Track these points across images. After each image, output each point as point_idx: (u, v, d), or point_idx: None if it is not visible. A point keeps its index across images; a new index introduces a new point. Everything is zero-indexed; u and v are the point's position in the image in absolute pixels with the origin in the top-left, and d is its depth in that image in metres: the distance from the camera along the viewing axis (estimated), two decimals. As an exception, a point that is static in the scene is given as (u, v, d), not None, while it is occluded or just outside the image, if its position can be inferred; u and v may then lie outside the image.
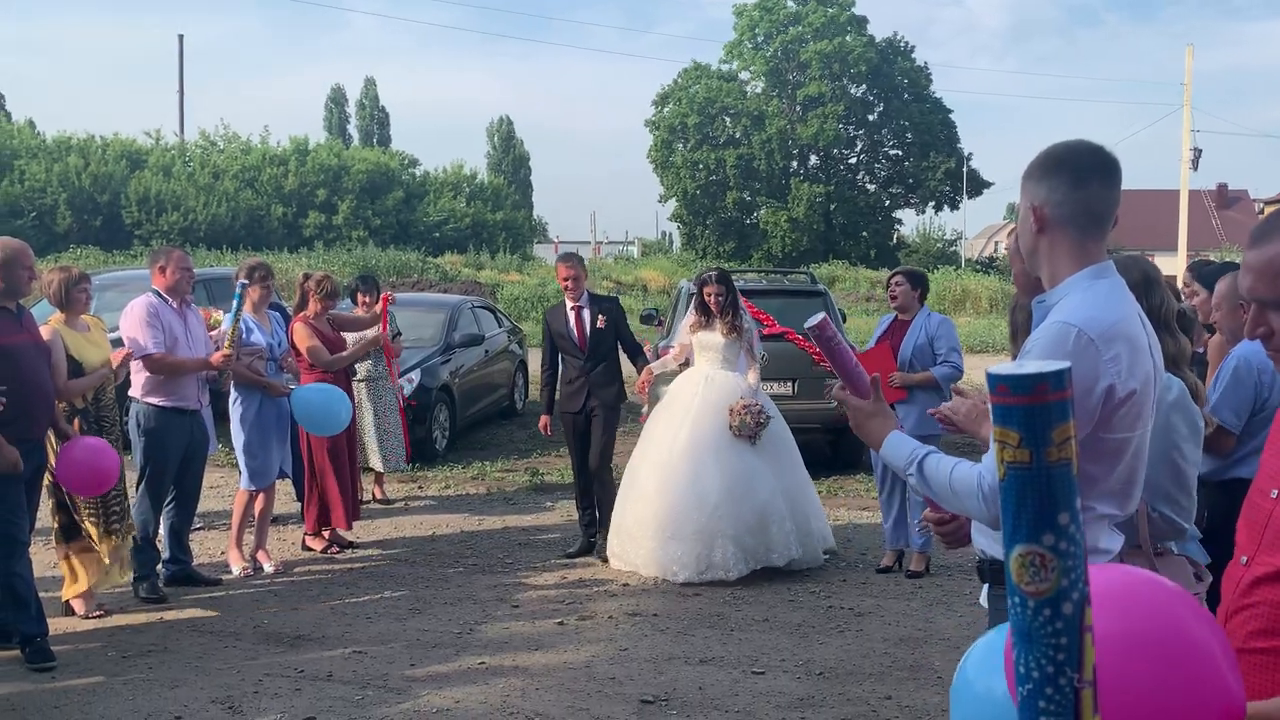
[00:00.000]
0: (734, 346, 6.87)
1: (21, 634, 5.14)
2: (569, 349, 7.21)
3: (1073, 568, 0.77)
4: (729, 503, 6.46)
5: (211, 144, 42.49)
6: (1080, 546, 0.77)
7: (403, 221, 41.28)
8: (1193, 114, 33.34)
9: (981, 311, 31.21)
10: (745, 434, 6.60)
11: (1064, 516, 0.77)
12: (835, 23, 44.91)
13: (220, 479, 9.07)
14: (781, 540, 6.54)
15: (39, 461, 5.38)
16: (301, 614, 5.97)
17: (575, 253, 7.42)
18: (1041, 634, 0.78)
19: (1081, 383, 2.13)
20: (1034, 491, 0.78)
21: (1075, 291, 2.23)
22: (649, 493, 6.63)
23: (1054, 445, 0.78)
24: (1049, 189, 2.25)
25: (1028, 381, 0.78)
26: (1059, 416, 0.78)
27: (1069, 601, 0.77)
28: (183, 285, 6.23)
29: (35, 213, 35.31)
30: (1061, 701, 0.77)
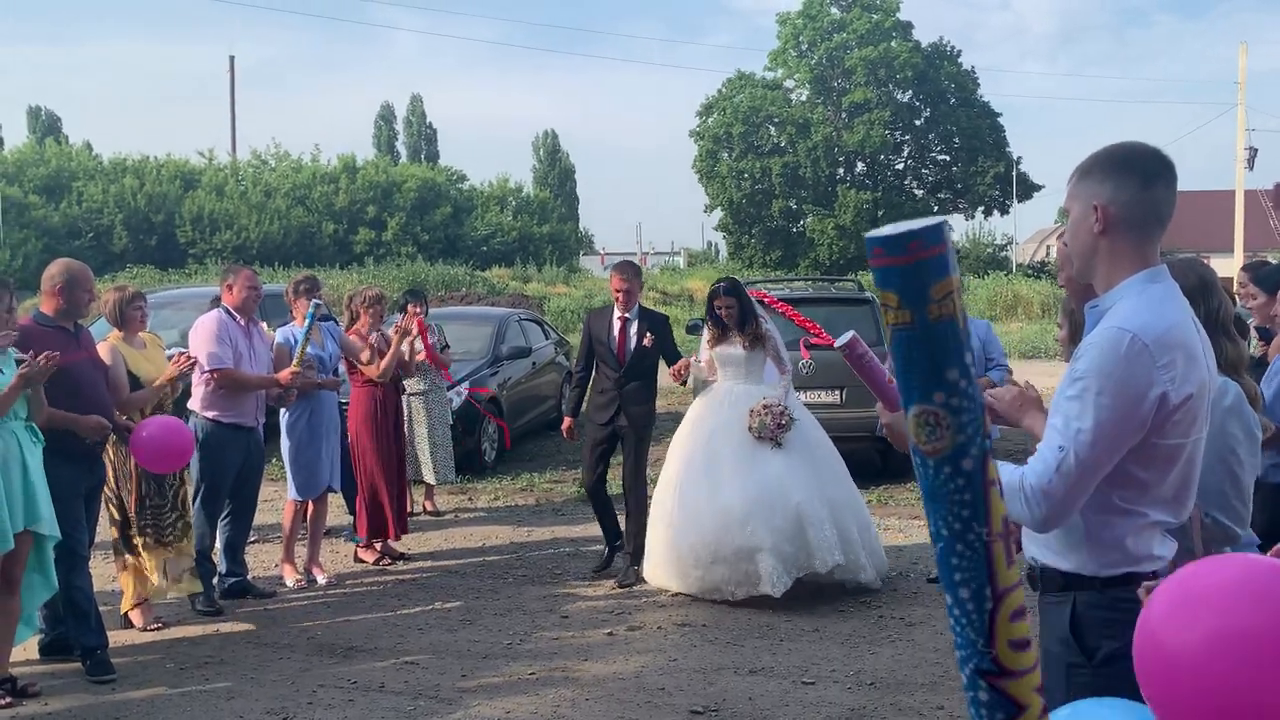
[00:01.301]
0: (756, 358, 6.59)
1: (82, 646, 5.25)
2: (606, 358, 6.92)
3: (968, 423, 0.76)
4: (760, 512, 6.12)
5: (263, 162, 43.19)
6: (975, 401, 0.76)
7: (450, 236, 41.64)
8: (1247, 113, 32.75)
9: (1033, 317, 30.82)
10: (766, 435, 6.28)
11: (953, 373, 0.76)
12: (880, 28, 44.66)
13: (273, 492, 9.20)
14: (822, 545, 6.15)
15: (98, 476, 5.50)
16: (354, 625, 6.03)
17: (632, 263, 7.22)
18: (945, 492, 0.77)
19: (1135, 389, 2.11)
20: (920, 351, 0.76)
21: (1130, 296, 2.19)
22: (681, 523, 6.34)
23: (933, 303, 0.75)
24: (1115, 188, 2.20)
25: (901, 241, 0.75)
26: (936, 273, 0.75)
27: (967, 458, 0.76)
28: (249, 303, 6.35)
29: (93, 233, 36.11)
30: (972, 556, 0.77)
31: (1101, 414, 2.09)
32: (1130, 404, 2.10)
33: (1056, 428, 2.15)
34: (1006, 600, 0.77)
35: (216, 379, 6.16)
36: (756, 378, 6.58)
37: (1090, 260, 2.27)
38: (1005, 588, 0.77)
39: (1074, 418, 2.12)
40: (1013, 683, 0.77)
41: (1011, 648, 0.77)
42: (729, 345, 6.59)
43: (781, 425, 6.30)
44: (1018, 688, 0.77)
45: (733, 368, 6.62)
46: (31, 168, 37.66)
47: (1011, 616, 0.77)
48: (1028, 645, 0.77)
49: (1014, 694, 0.78)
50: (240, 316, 6.34)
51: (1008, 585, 0.77)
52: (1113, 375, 2.10)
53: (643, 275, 7.13)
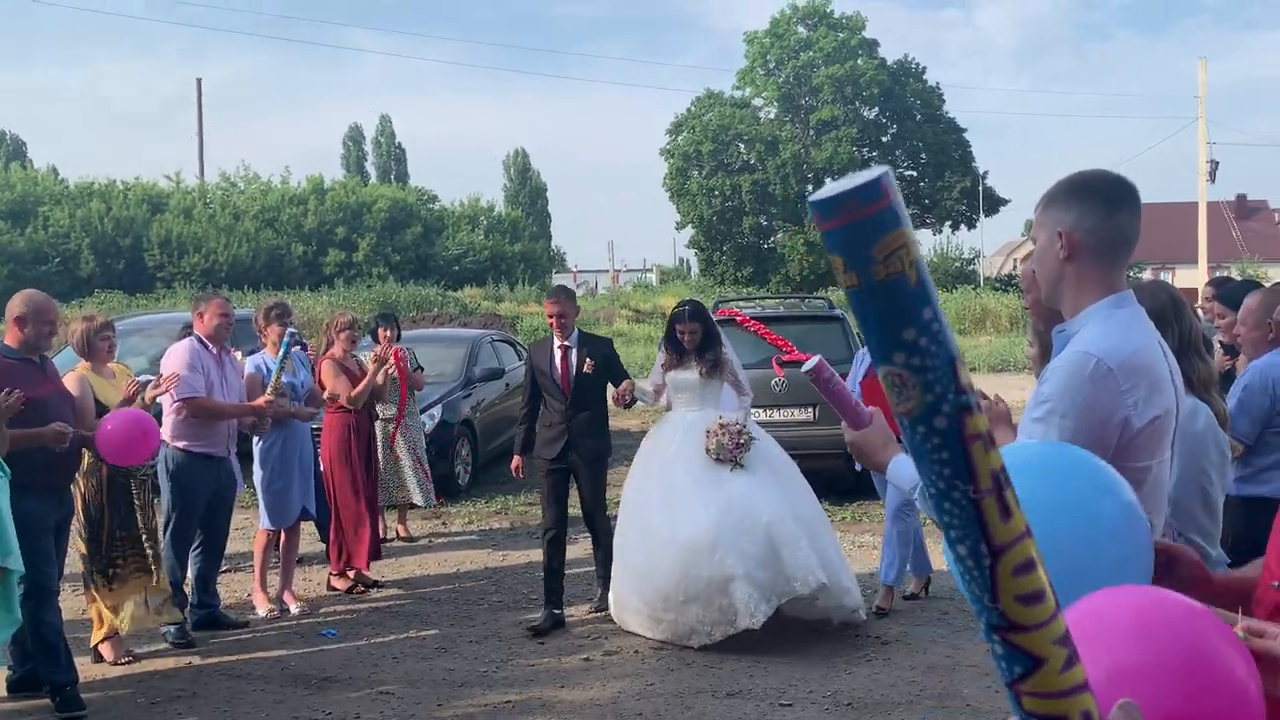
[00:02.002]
0: (712, 384, 6.29)
1: (51, 682, 5.17)
2: (551, 390, 6.54)
3: (934, 382, 0.73)
4: (728, 538, 5.72)
5: (232, 185, 42.97)
6: (939, 358, 0.73)
7: (422, 256, 41.54)
8: (1208, 126, 33.23)
9: (1002, 330, 31.07)
10: (725, 457, 5.93)
11: (909, 332, 0.73)
12: (846, 47, 45.05)
13: (245, 520, 9.11)
14: (800, 565, 5.72)
15: (67, 509, 5.43)
16: (328, 655, 5.98)
17: (564, 287, 6.87)
18: (924, 451, 0.75)
19: (1099, 412, 2.13)
20: (872, 313, 0.74)
21: (1096, 321, 2.22)
22: (644, 565, 5.94)
23: (878, 263, 0.72)
24: (1079, 214, 2.23)
25: (835, 203, 0.72)
26: (876, 231, 0.72)
27: (939, 415, 0.73)
28: (221, 332, 6.30)
29: (59, 258, 35.75)
30: (960, 514, 0.75)
31: (1065, 436, 2.11)
32: (1093, 427, 2.12)
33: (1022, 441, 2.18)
34: (1006, 556, 0.75)
35: (188, 408, 6.10)
36: (712, 404, 6.30)
37: (1057, 286, 2.30)
38: (1003, 543, 0.75)
39: (1037, 438, 2.15)
40: (1025, 636, 0.75)
41: (1019, 602, 0.75)
42: (684, 370, 6.29)
43: (740, 445, 5.98)
44: (1032, 641, 0.76)
45: (686, 394, 6.30)
46: (-4, 193, 37.28)
47: (1014, 571, 0.75)
48: (1039, 598, 0.75)
49: (1029, 647, 0.77)
50: (212, 345, 6.30)
51: (1005, 540, 0.75)
52: (1077, 398, 2.12)
53: (576, 299, 6.82)
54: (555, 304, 6.56)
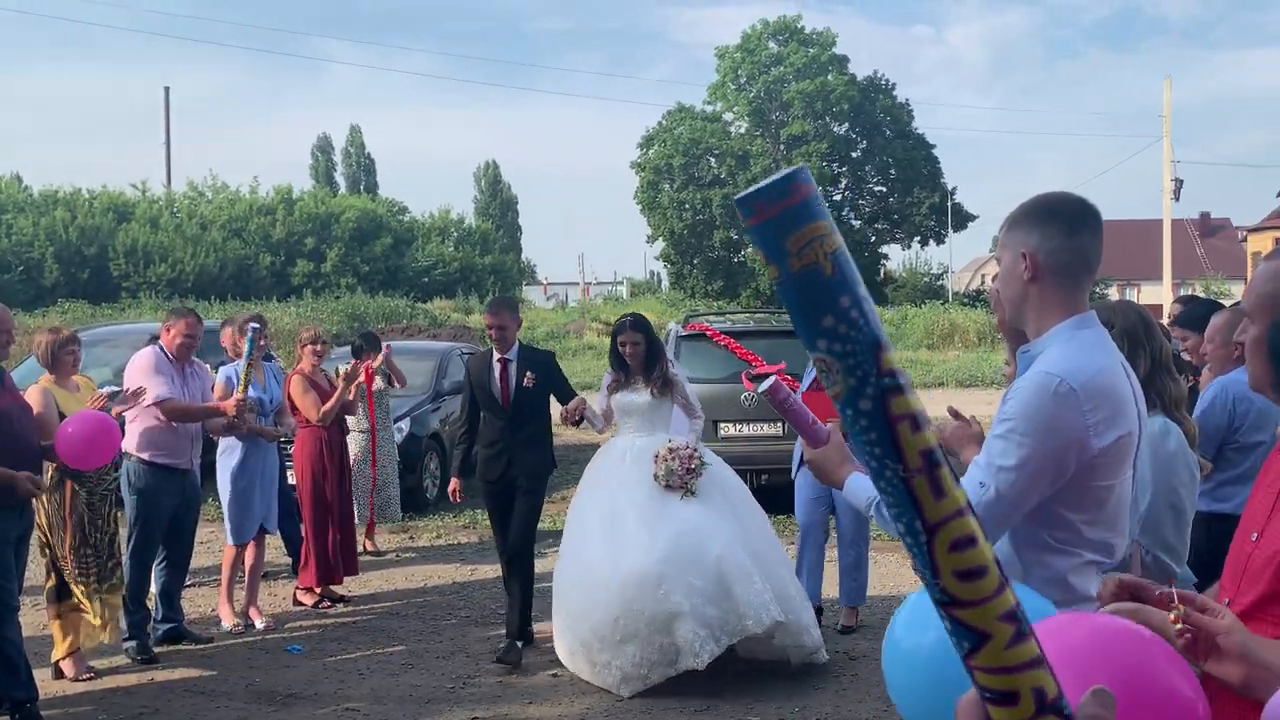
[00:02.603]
0: (662, 406, 5.86)
1: (11, 699, 5.08)
2: (490, 405, 6.18)
3: (855, 366, 0.77)
4: (674, 571, 5.27)
5: (199, 194, 42.64)
6: (861, 344, 0.77)
7: (391, 267, 41.39)
8: (1173, 145, 33.69)
9: (970, 345, 31.31)
10: (675, 483, 5.51)
11: (828, 320, 0.77)
12: (817, 62, 45.39)
13: (210, 534, 9.02)
14: (753, 601, 5.27)
15: (27, 522, 5.35)
16: (294, 671, 5.92)
17: (505, 298, 6.54)
18: (855, 432, 0.78)
19: (1059, 433, 2.15)
20: (794, 302, 0.77)
21: (1058, 342, 2.24)
22: (582, 603, 5.47)
23: (792, 256, 0.76)
24: (1042, 236, 2.25)
25: (749, 201, 0.76)
26: (788, 225, 0.76)
27: (864, 398, 0.77)
28: (183, 351, 6.25)
29: (23, 266, 35.31)
30: (894, 492, 0.78)
31: (1025, 454, 2.14)
32: (1054, 447, 2.14)
33: (980, 464, 2.21)
34: (940, 533, 0.77)
35: (162, 410, 6.04)
36: (662, 428, 5.85)
37: (1021, 306, 2.32)
38: (936, 520, 0.77)
39: (997, 455, 2.17)
40: (967, 611, 0.77)
41: (958, 578, 0.77)
42: (631, 391, 5.85)
43: (692, 470, 5.53)
44: (975, 616, 0.77)
45: (635, 418, 5.87)
46: (-41, 200, 36.80)
47: (951, 547, 0.77)
48: (980, 574, 0.77)
49: (973, 623, 0.78)
50: (175, 359, 6.25)
51: (939, 518, 0.77)
52: (1038, 418, 2.14)
53: (519, 310, 6.47)
54: (495, 316, 6.23)
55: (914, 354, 29.88)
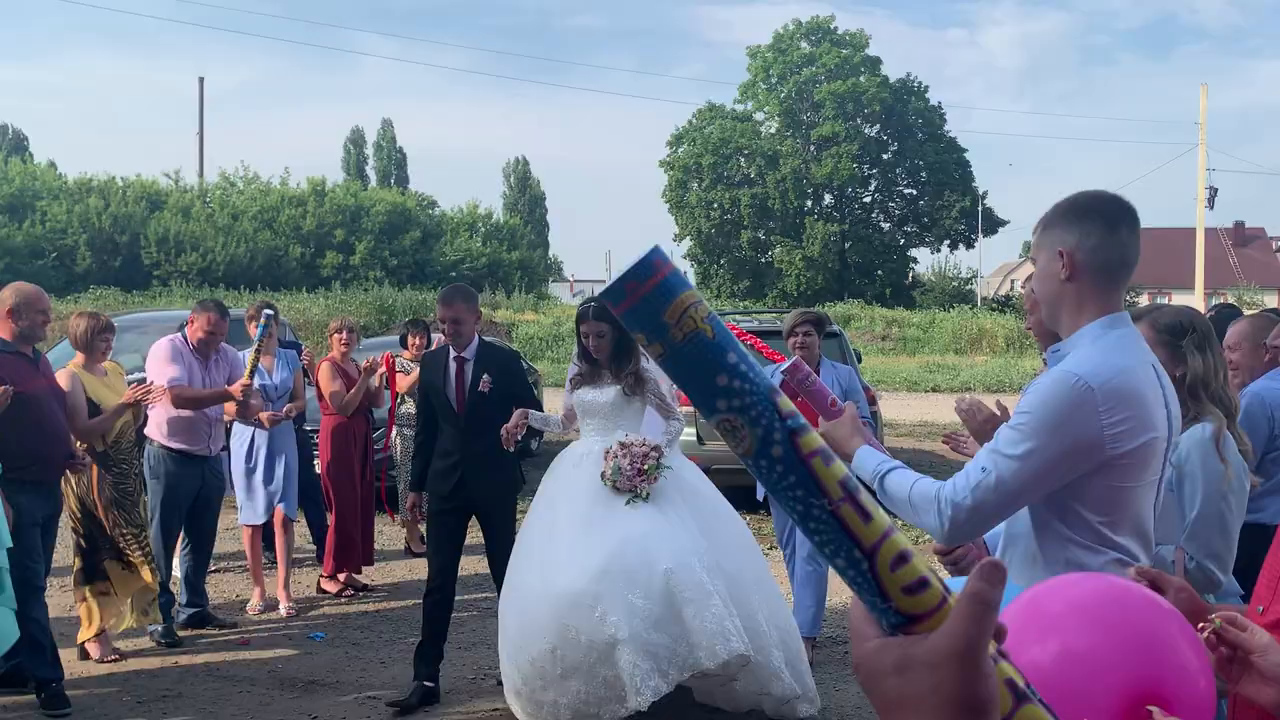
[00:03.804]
0: (630, 407, 4.98)
1: (37, 679, 5.15)
2: (444, 411, 5.38)
3: (756, 417, 0.78)
4: (613, 588, 4.39)
5: (231, 185, 42.94)
6: (755, 394, 0.78)
7: (419, 261, 41.54)
8: (1208, 152, 33.38)
9: (998, 350, 31.12)
10: (623, 485, 4.64)
11: (722, 378, 0.78)
12: (849, 63, 45.22)
13: (234, 521, 9.09)
14: (708, 629, 4.31)
15: (55, 505, 5.41)
16: (316, 658, 5.95)
17: (462, 287, 5.74)
18: (771, 481, 0.80)
19: (1072, 432, 2.13)
20: (685, 372, 0.79)
21: (1086, 341, 2.22)
22: (519, 630, 4.64)
23: (673, 327, 0.78)
24: (1081, 234, 2.23)
25: (619, 286, 0.78)
26: (662, 300, 0.78)
27: (774, 445, 0.78)
28: (204, 346, 6.28)
29: (56, 253, 35.69)
30: (826, 528, 0.79)
31: (1031, 446, 2.13)
32: (1063, 444, 2.13)
33: (988, 449, 2.22)
34: (879, 554, 0.78)
35: (172, 397, 6.08)
36: (629, 431, 4.96)
37: (1057, 306, 2.30)
38: (872, 544, 0.78)
39: (1004, 444, 2.17)
40: (925, 625, 0.78)
41: (906, 593, 0.78)
42: (595, 388, 5.00)
43: (644, 471, 4.65)
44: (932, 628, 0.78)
45: (598, 419, 5.00)
46: (-5, 186, 37.23)
47: (891, 566, 0.78)
48: (924, 586, 0.78)
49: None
50: (197, 352, 6.29)
51: (873, 540, 0.78)
52: (1052, 415, 2.14)
53: (478, 302, 5.65)
54: (447, 307, 5.35)
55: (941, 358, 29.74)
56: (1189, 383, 2.84)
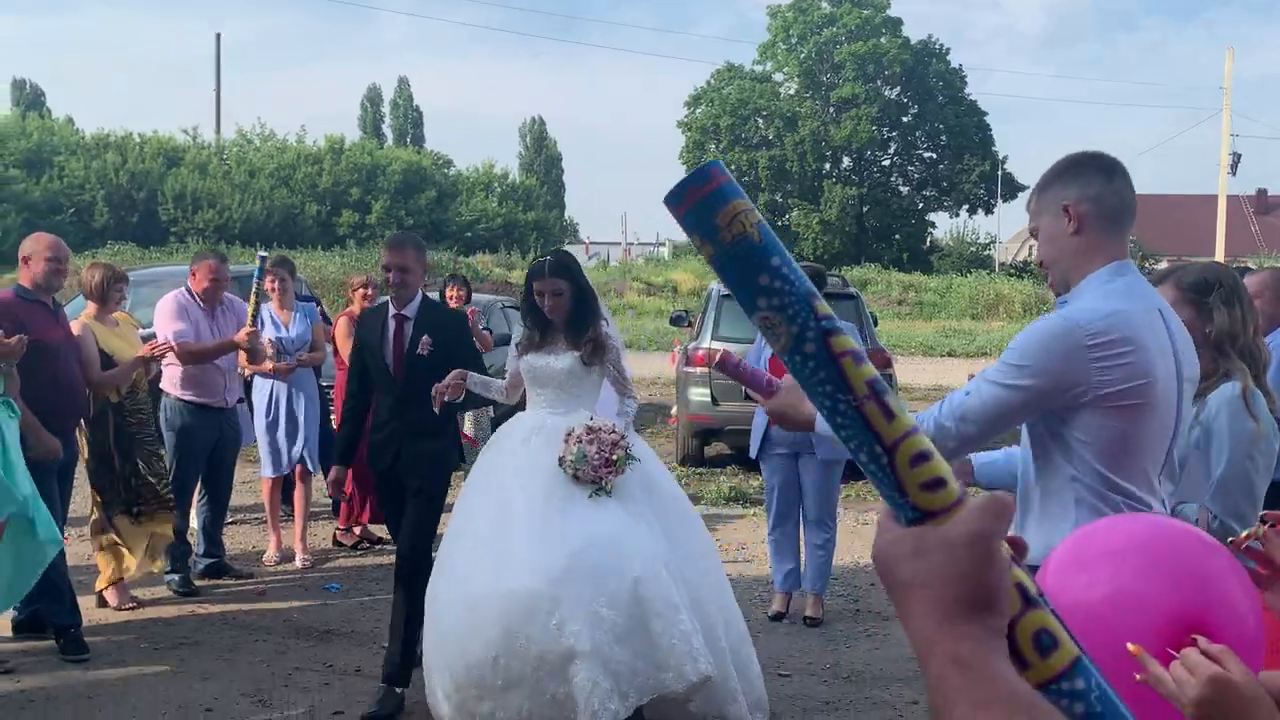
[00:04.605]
0: (588, 377, 4.40)
1: (56, 624, 5.22)
2: (380, 376, 4.81)
3: (794, 316, 0.85)
4: (575, 593, 3.83)
5: (248, 142, 42.92)
6: (795, 295, 0.85)
7: (435, 221, 41.51)
8: (1232, 118, 32.99)
9: (1015, 316, 30.99)
10: (585, 475, 4.06)
11: (764, 278, 0.85)
12: (870, 24, 44.75)
13: (252, 473, 9.16)
14: (677, 648, 3.84)
15: (70, 453, 5.45)
16: (331, 609, 6.01)
17: (412, 235, 5.18)
18: (804, 376, 0.86)
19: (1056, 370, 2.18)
20: (731, 272, 0.86)
21: (1091, 288, 2.26)
22: (456, 629, 3.99)
23: (722, 230, 0.85)
24: (1082, 186, 2.28)
25: (678, 192, 0.86)
26: (715, 206, 0.86)
27: (808, 343, 0.85)
28: (209, 294, 6.29)
29: (74, 209, 35.81)
30: (850, 423, 0.85)
31: (1016, 380, 2.20)
32: (1048, 376, 2.18)
33: (978, 375, 2.30)
34: (899, 450, 0.83)
35: (178, 353, 6.11)
36: (585, 406, 4.40)
37: (1068, 262, 2.33)
38: (893, 440, 0.83)
39: (991, 372, 2.25)
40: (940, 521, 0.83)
41: (923, 489, 0.83)
42: (549, 354, 4.39)
43: (612, 462, 4.08)
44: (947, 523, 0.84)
45: (550, 390, 4.40)
46: (13, 140, 37.29)
47: (911, 463, 0.83)
48: (941, 484, 0.83)
49: None
50: (203, 303, 6.30)
51: (894, 437, 0.83)
52: (1037, 346, 2.20)
53: (425, 254, 4.99)
54: (399, 253, 4.76)
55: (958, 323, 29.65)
56: (1215, 338, 2.82)
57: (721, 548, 7.41)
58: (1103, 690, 0.84)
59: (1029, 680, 0.80)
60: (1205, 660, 1.26)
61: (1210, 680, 1.24)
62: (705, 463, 10.42)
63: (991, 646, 0.78)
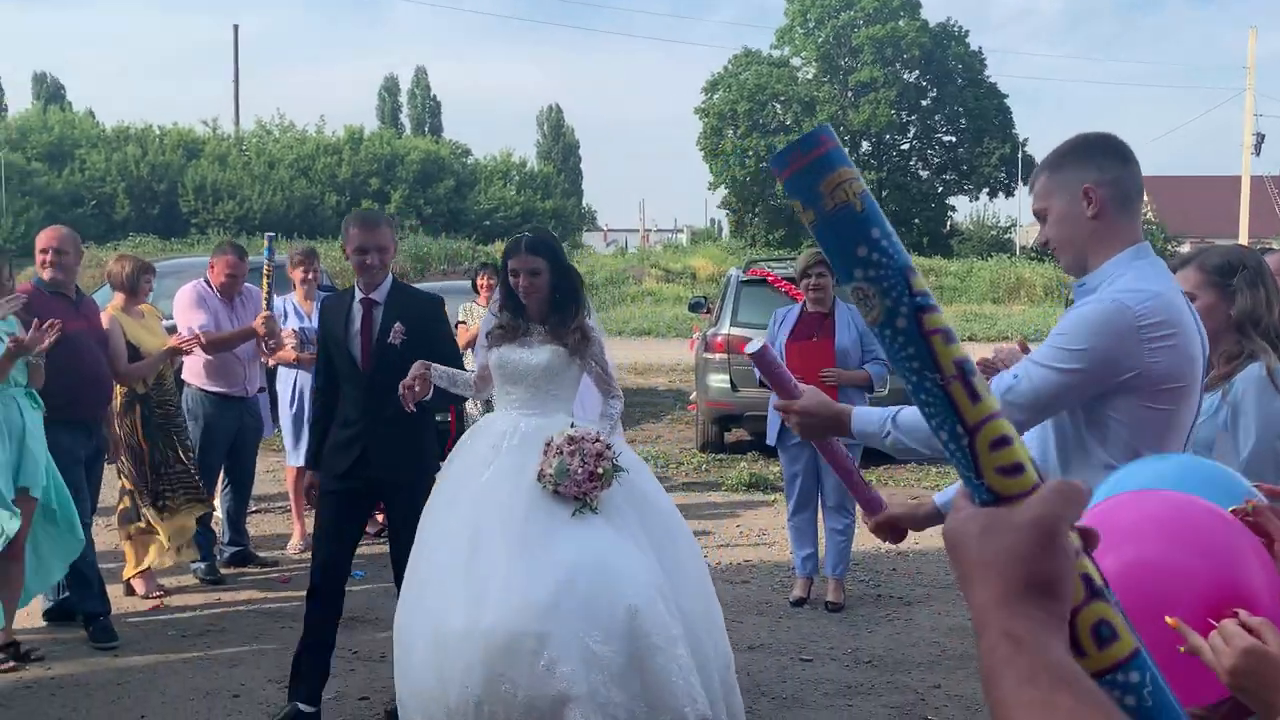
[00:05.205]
0: (567, 371, 3.91)
1: (85, 613, 5.29)
2: (346, 368, 4.33)
3: (890, 289, 0.86)
4: (565, 629, 3.39)
5: (267, 133, 43.07)
6: (892, 268, 0.86)
7: (454, 210, 41.58)
8: (1255, 98, 32.63)
9: (1036, 299, 30.81)
10: (569, 490, 3.57)
11: (862, 249, 0.86)
12: (887, 7, 44.44)
13: (276, 463, 9.22)
14: (677, 685, 3.42)
15: (97, 444, 5.51)
16: (355, 596, 6.04)
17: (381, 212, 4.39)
18: (893, 351, 0.87)
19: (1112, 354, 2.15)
20: (830, 239, 0.88)
21: (1117, 271, 2.25)
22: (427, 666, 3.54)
23: (825, 197, 0.86)
24: (1099, 169, 2.26)
25: (784, 155, 0.88)
26: (821, 172, 0.86)
27: (899, 317, 0.85)
28: (227, 288, 6.34)
29: (95, 201, 36.07)
30: (934, 401, 0.86)
31: (1070, 364, 2.16)
32: (1101, 358, 2.16)
33: (1025, 359, 2.26)
34: (981, 433, 0.84)
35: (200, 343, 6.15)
36: (563, 407, 3.91)
37: (1084, 245, 2.31)
38: (975, 422, 0.84)
39: (1041, 356, 2.21)
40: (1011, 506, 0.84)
41: (1000, 473, 0.83)
42: (523, 346, 3.88)
43: (597, 475, 3.59)
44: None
45: (524, 388, 3.88)
46: (35, 134, 37.57)
47: (991, 447, 0.84)
48: (1018, 470, 0.83)
49: None
50: (221, 295, 6.34)
51: (978, 419, 0.84)
52: (1090, 329, 2.17)
53: (394, 232, 4.54)
54: (373, 233, 4.29)
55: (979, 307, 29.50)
56: (1237, 319, 2.82)
57: (742, 533, 7.45)
58: (1156, 684, 0.85)
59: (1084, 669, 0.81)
60: (1241, 631, 1.29)
61: (1245, 651, 1.28)
62: (725, 449, 10.43)
63: (1048, 627, 0.79)
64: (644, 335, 25.07)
